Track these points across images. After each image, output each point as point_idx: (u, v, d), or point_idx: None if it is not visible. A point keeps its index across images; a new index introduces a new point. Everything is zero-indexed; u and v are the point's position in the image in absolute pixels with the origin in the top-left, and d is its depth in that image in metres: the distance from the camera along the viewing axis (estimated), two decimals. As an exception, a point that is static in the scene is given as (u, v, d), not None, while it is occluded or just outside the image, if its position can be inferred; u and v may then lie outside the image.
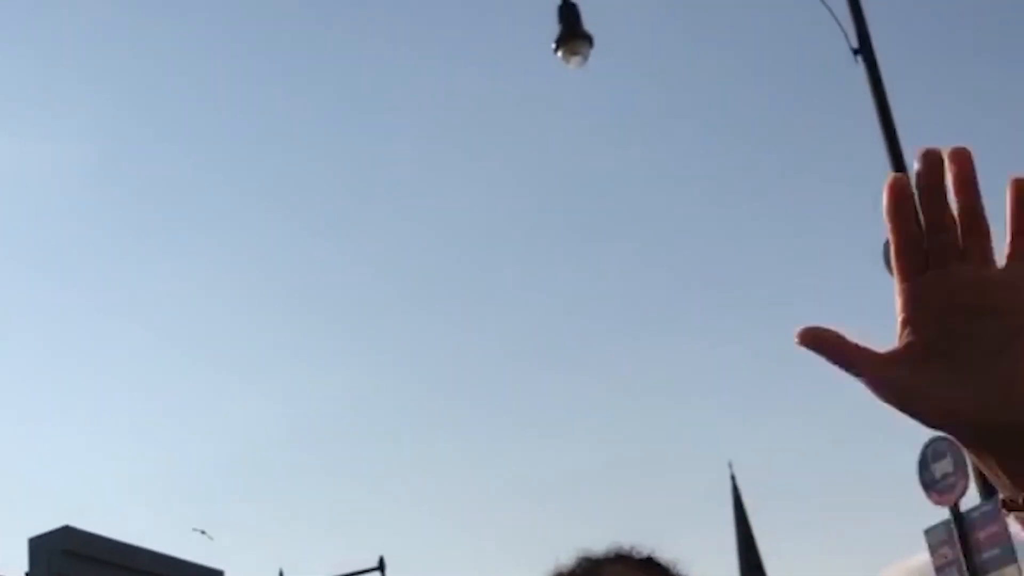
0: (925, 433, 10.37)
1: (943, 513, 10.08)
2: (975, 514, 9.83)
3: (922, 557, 10.83)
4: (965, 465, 9.88)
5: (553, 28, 11.47)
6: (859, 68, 11.02)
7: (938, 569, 10.20)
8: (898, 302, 0.87)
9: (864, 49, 11.02)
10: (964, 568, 9.84)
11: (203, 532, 28.29)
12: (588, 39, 11.44)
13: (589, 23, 11.46)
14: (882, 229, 0.89)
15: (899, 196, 0.89)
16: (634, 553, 1.71)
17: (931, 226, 0.88)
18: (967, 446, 0.89)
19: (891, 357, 0.85)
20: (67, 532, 26.47)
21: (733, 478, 52.89)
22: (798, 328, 0.87)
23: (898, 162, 10.72)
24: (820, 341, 0.87)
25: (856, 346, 0.86)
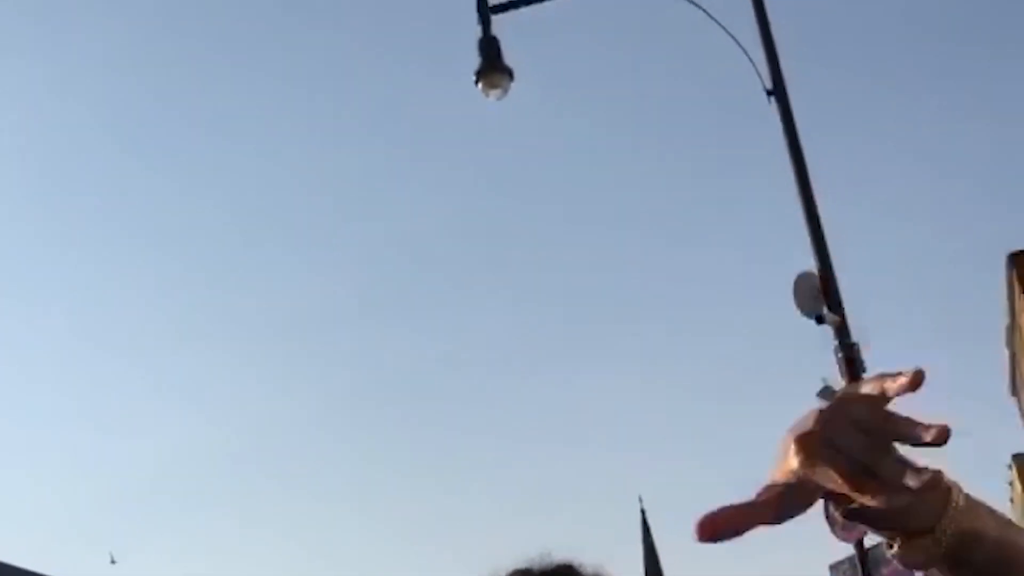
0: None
1: (848, 549, 10.22)
2: (879, 550, 9.98)
3: (827, 592, 10.96)
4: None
5: (475, 60, 11.54)
6: (773, 109, 11.22)
7: (842, 604, 10.33)
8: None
9: (778, 91, 11.23)
10: (868, 603, 9.97)
11: (112, 559, 27.74)
12: (508, 72, 11.51)
13: (510, 57, 11.55)
14: (792, 269, 0.90)
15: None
16: (536, 566, 1.64)
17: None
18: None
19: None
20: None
21: (643, 512, 53.14)
22: (695, 526, 0.86)
23: (809, 202, 10.92)
24: (720, 528, 0.86)
25: (755, 504, 0.86)
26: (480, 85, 11.55)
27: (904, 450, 0.87)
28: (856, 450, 0.83)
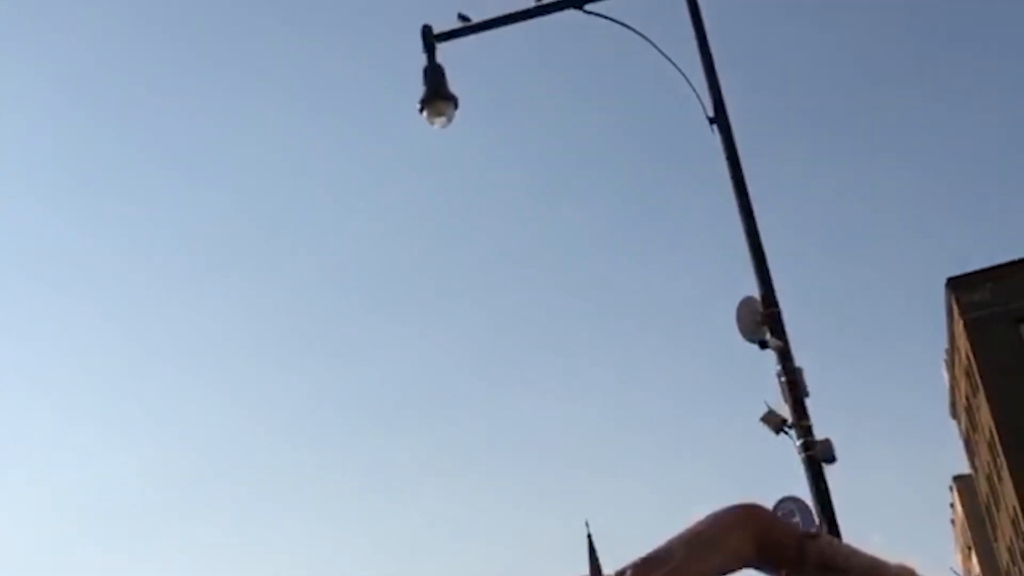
0: (775, 493, 10.62)
1: (792, 572, 10.30)
2: (823, 573, 10.07)
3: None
4: (814, 526, 10.11)
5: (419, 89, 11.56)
6: (715, 136, 11.33)
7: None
8: None
9: (719, 117, 11.35)
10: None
11: None
12: (453, 100, 11.54)
13: (455, 85, 11.59)
14: (737, 294, 0.93)
15: None
16: None
17: None
18: None
19: None
20: None
21: (589, 537, 53.11)
22: None
23: (751, 228, 11.02)
24: None
25: None
26: (425, 113, 11.58)
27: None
28: None
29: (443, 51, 11.77)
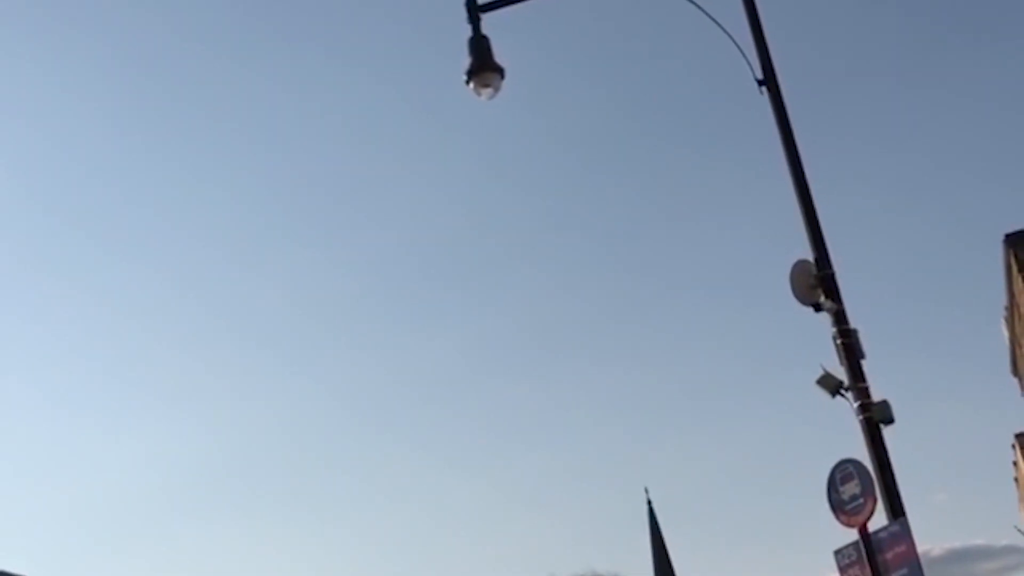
0: (833, 456, 10.56)
1: (852, 534, 10.25)
2: (883, 534, 10.00)
3: (833, 578, 10.99)
4: (872, 487, 10.06)
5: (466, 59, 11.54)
6: (764, 99, 11.24)
7: (848, 590, 10.35)
8: None
9: (769, 80, 11.25)
10: (873, 588, 10.01)
11: None
12: (500, 71, 11.50)
13: (501, 56, 11.55)
14: (789, 258, 0.93)
15: None
16: None
17: None
18: None
19: None
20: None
21: (650, 503, 53.16)
22: None
23: (803, 190, 10.94)
24: None
25: None
26: (471, 85, 11.55)
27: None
28: None
29: (488, 21, 11.72)
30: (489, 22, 11.66)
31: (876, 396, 10.20)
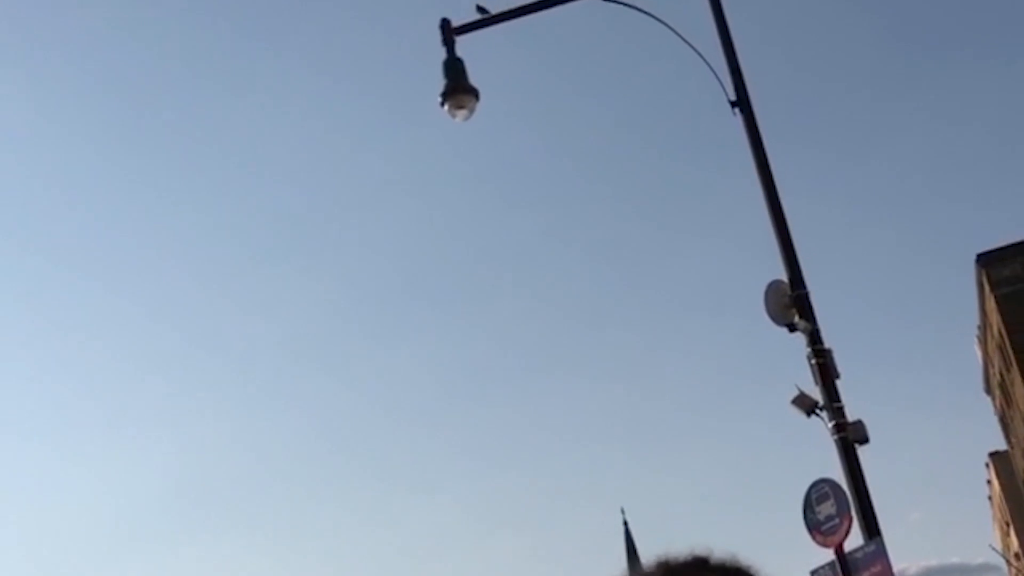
0: (809, 476, 10.58)
1: (828, 554, 10.26)
2: (859, 554, 10.02)
3: (809, 598, 10.97)
4: (848, 507, 10.07)
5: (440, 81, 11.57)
6: (738, 120, 11.29)
7: (825, 609, 10.35)
8: None
9: (742, 101, 11.30)
10: (850, 608, 10.01)
11: None
12: (474, 93, 11.53)
13: (475, 79, 11.58)
14: (764, 278, 0.93)
15: None
16: (712, 559, 1.71)
17: None
18: None
19: None
20: None
21: (626, 523, 53.11)
22: None
23: (776, 210, 10.98)
24: None
25: None
26: (446, 106, 11.57)
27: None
28: None
29: (463, 43, 11.76)
30: (472, 43, 11.71)
31: (851, 416, 10.23)
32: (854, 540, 10.12)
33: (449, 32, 11.70)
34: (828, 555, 10.24)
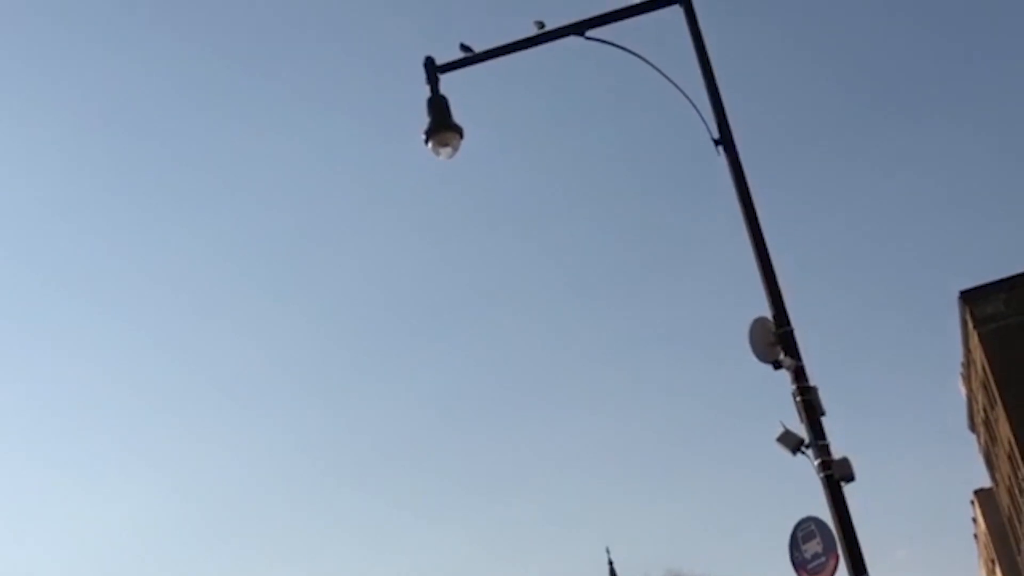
0: (796, 513, 10.55)
1: (816, 592, 10.21)
2: (846, 592, 9.98)
3: (796, 638, 10.90)
4: (834, 544, 10.03)
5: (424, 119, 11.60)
6: (721, 157, 11.33)
7: (812, 649, 10.28)
8: None
9: (725, 140, 11.34)
10: (837, 647, 9.95)
11: None
12: (458, 131, 11.56)
13: (459, 116, 11.61)
14: (748, 315, 0.91)
15: None
16: None
17: None
18: None
19: None
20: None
21: (611, 563, 52.92)
22: None
23: (760, 247, 10.99)
24: None
25: None
26: (430, 144, 11.59)
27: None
28: None
29: (447, 81, 11.80)
30: (457, 81, 11.75)
31: (836, 453, 10.21)
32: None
33: (433, 70, 11.74)
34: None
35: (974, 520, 63.47)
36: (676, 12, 11.78)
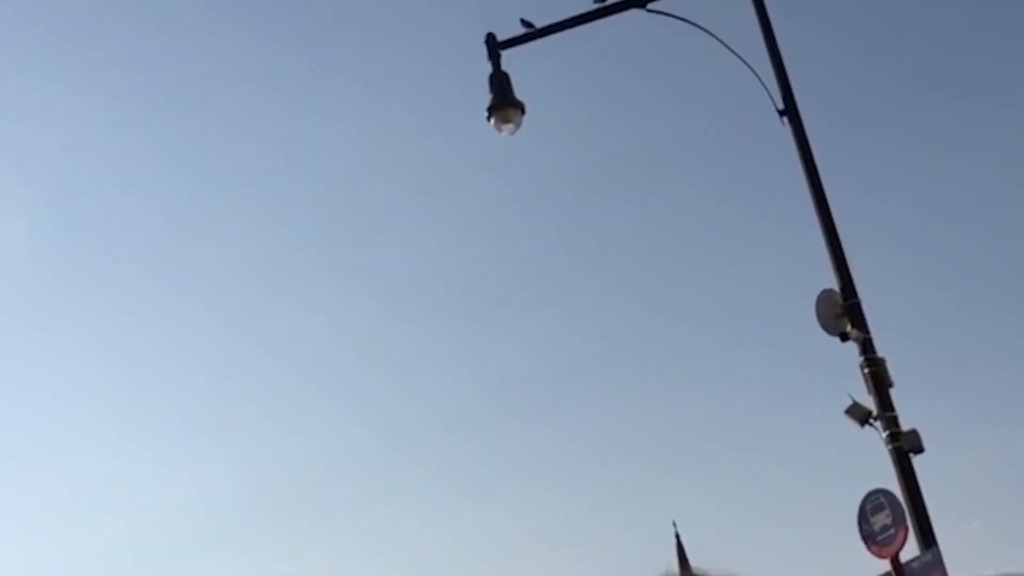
0: (863, 487, 10.49)
1: (884, 565, 10.17)
2: (915, 565, 9.92)
3: (866, 610, 10.89)
4: (903, 517, 9.98)
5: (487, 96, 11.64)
6: (786, 129, 11.25)
7: (882, 621, 10.26)
8: None
9: (790, 110, 11.26)
10: (907, 619, 9.92)
11: None
12: (520, 107, 11.57)
13: (520, 92, 11.63)
14: (814, 288, 0.93)
15: None
16: None
17: None
18: None
19: None
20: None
21: (678, 536, 52.87)
22: None
23: (827, 219, 10.92)
24: None
25: None
26: (492, 121, 11.62)
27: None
28: None
29: (509, 57, 11.82)
30: (510, 56, 11.76)
31: (905, 425, 10.14)
32: (910, 550, 10.02)
33: (495, 47, 11.76)
34: (884, 566, 10.15)
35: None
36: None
